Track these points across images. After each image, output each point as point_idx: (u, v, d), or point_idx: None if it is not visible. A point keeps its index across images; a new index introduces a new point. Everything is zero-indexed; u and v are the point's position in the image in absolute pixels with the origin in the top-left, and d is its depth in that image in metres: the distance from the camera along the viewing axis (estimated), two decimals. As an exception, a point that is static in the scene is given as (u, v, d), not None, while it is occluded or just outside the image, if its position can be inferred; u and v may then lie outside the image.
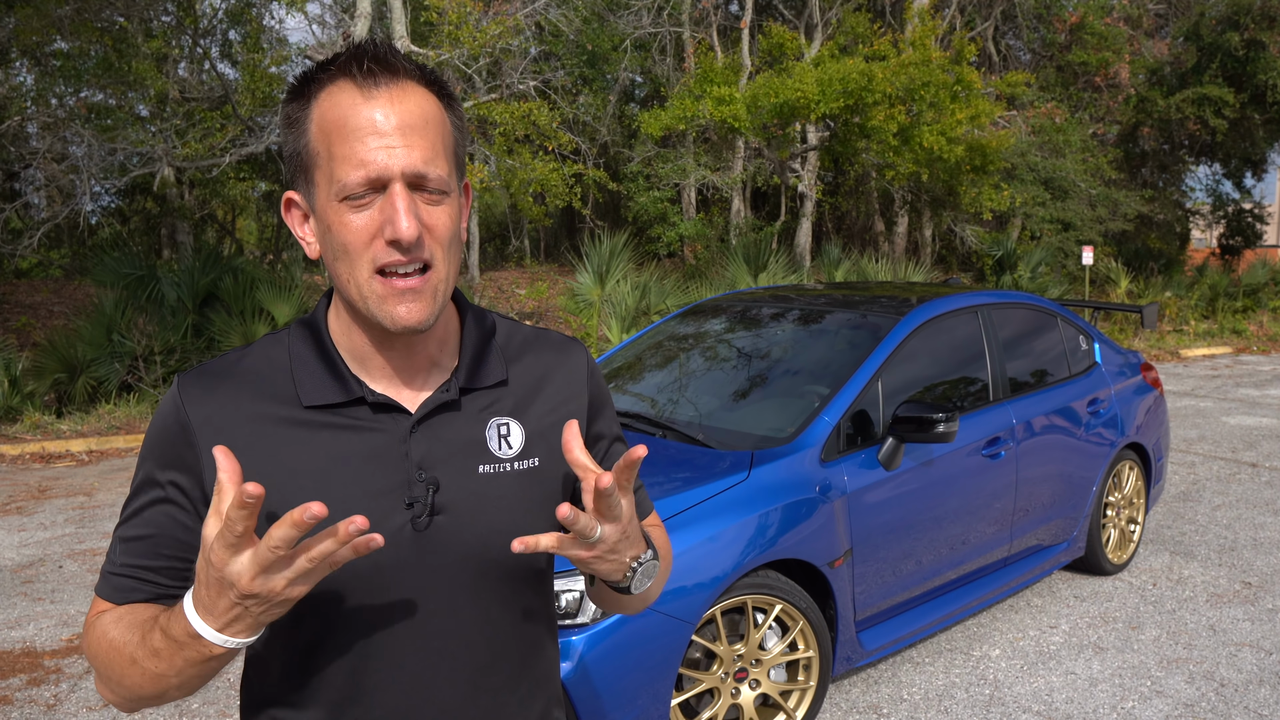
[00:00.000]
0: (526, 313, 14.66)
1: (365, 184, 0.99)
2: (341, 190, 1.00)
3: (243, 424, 1.08)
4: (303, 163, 1.04)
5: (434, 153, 1.02)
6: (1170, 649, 4.04)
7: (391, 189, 1.00)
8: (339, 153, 1.00)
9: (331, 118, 1.00)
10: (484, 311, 1.24)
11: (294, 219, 1.10)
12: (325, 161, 1.01)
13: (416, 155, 1.00)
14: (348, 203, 1.00)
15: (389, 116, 1.00)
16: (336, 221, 1.02)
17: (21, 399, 9.07)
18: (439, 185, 1.02)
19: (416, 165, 1.00)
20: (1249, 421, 9.17)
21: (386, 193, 1.00)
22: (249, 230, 25.37)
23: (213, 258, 10.73)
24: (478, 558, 1.12)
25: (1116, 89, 20.32)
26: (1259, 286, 18.67)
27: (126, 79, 14.21)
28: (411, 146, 1.00)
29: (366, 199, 1.00)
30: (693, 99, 14.14)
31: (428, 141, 1.01)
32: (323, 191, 1.02)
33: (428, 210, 1.03)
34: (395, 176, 0.99)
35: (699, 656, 3.06)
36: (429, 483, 1.10)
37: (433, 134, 1.02)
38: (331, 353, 1.12)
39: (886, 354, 3.75)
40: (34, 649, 4.16)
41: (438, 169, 1.02)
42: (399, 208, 0.99)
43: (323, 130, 1.01)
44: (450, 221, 1.04)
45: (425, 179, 1.01)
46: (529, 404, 1.19)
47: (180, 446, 1.08)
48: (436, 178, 1.02)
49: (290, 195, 1.09)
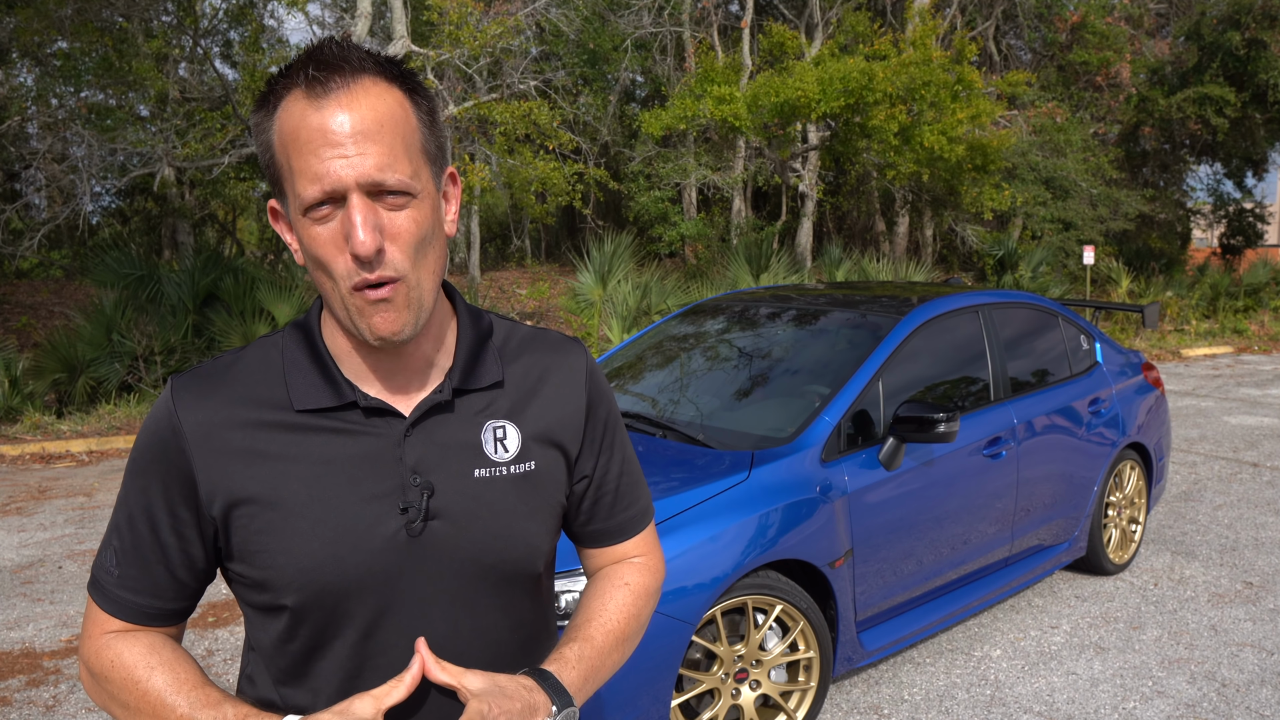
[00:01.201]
0: (528, 313, 14.66)
1: (323, 197, 0.97)
2: (302, 204, 0.98)
3: (235, 428, 1.07)
4: (274, 174, 1.03)
5: (391, 156, 0.98)
6: (1172, 649, 4.03)
7: (350, 201, 0.97)
8: (296, 166, 0.98)
9: (287, 130, 0.98)
10: (480, 311, 1.22)
11: (281, 227, 1.09)
12: (288, 175, 1.00)
13: (370, 162, 0.97)
14: (310, 216, 0.99)
15: (341, 124, 0.96)
16: (306, 235, 1.00)
17: (22, 399, 9.07)
18: (401, 188, 0.99)
19: (370, 174, 0.97)
20: (1250, 421, 9.16)
21: (345, 205, 0.98)
22: (249, 230, 25.37)
23: (213, 258, 10.73)
24: (474, 562, 1.11)
25: (1117, 88, 20.31)
26: (1260, 286, 18.65)
27: (127, 79, 14.21)
28: (365, 154, 0.96)
29: (327, 211, 0.98)
30: (693, 98, 14.13)
31: (384, 146, 0.98)
32: (292, 205, 1.01)
33: (390, 217, 0.99)
34: (350, 188, 0.97)
35: (699, 657, 3.05)
36: (424, 487, 1.08)
37: (389, 135, 0.98)
38: (324, 356, 1.11)
39: (887, 354, 3.74)
40: (33, 650, 4.15)
41: (396, 173, 0.98)
42: (355, 221, 0.96)
43: (282, 143, 0.99)
44: (415, 226, 1.01)
45: (383, 185, 0.98)
46: (526, 406, 1.17)
47: (172, 453, 1.07)
48: (396, 182, 0.98)
49: (273, 204, 1.08)
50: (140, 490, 1.09)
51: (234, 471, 1.06)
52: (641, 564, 1.29)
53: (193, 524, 1.08)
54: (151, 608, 1.10)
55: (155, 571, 1.08)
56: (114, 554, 1.10)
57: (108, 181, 14.98)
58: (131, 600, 1.09)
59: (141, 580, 1.09)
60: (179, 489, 1.07)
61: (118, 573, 1.09)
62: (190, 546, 1.09)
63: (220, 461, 1.06)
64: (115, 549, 1.10)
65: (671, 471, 3.21)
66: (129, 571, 1.09)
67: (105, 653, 1.08)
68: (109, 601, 1.09)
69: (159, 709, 1.03)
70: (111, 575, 1.09)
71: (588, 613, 1.21)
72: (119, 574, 1.09)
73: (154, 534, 1.08)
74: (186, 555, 1.09)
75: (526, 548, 1.15)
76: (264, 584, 1.07)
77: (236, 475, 1.06)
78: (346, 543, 1.06)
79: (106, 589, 1.10)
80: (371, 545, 1.07)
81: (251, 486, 1.06)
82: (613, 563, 1.29)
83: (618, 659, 1.20)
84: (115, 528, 1.10)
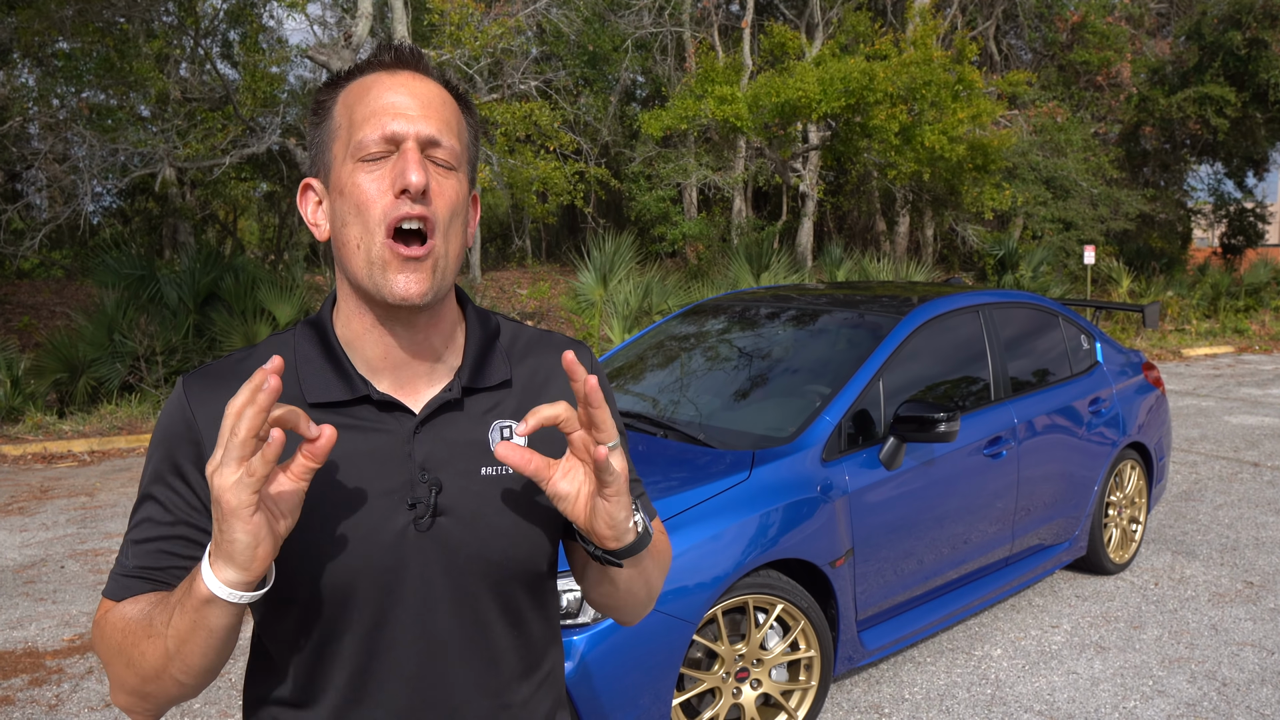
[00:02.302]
0: (528, 313, 14.66)
1: (381, 141, 1.03)
2: (358, 149, 1.04)
3: None
4: (324, 141, 1.09)
5: (448, 129, 1.07)
6: (1172, 648, 4.04)
7: (405, 146, 1.04)
8: (358, 117, 1.05)
9: (357, 92, 1.07)
10: (488, 313, 1.24)
11: (307, 202, 1.12)
12: (345, 131, 1.06)
13: (432, 124, 1.05)
14: (363, 163, 1.04)
15: (409, 94, 1.06)
16: (350, 183, 1.05)
17: (23, 399, 9.08)
18: (449, 157, 1.07)
19: (430, 132, 1.05)
20: (1251, 421, 9.16)
21: (400, 150, 1.04)
22: (250, 230, 25.40)
23: (213, 258, 10.74)
24: (479, 559, 1.12)
25: (1118, 88, 20.31)
26: (1261, 286, 18.65)
27: (128, 79, 14.23)
28: (428, 118, 1.05)
29: (381, 158, 1.04)
30: (694, 98, 14.13)
31: (443, 119, 1.07)
32: (339, 159, 1.06)
33: (436, 178, 1.06)
34: (409, 136, 1.04)
35: (700, 656, 3.06)
36: (432, 484, 1.10)
37: (449, 115, 1.08)
38: (337, 351, 1.12)
39: (888, 353, 3.74)
40: (36, 649, 4.16)
41: (450, 140, 1.07)
42: (410, 160, 1.02)
43: (346, 104, 1.07)
44: (455, 196, 1.07)
45: (438, 145, 1.05)
46: (532, 406, 1.18)
47: (187, 445, 1.08)
48: (449, 147, 1.06)
49: (308, 180, 1.12)
50: (156, 485, 1.09)
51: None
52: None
53: (208, 515, 1.08)
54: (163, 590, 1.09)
55: (171, 563, 1.08)
56: (132, 551, 1.10)
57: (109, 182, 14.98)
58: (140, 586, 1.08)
59: (158, 574, 1.09)
60: (194, 480, 1.08)
61: (133, 564, 1.09)
62: (207, 537, 1.09)
63: None
64: (134, 547, 1.10)
65: (672, 471, 3.21)
66: (145, 562, 1.09)
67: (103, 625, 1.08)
68: (118, 588, 1.09)
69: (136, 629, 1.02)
70: (127, 568, 1.09)
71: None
72: (134, 564, 1.09)
73: (170, 525, 1.08)
74: (203, 547, 1.09)
75: (531, 546, 1.16)
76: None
77: None
78: (356, 537, 1.07)
79: (117, 577, 1.10)
80: (381, 540, 1.08)
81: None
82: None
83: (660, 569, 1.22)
84: (134, 527, 1.11)
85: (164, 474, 1.09)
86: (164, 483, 1.09)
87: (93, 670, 3.94)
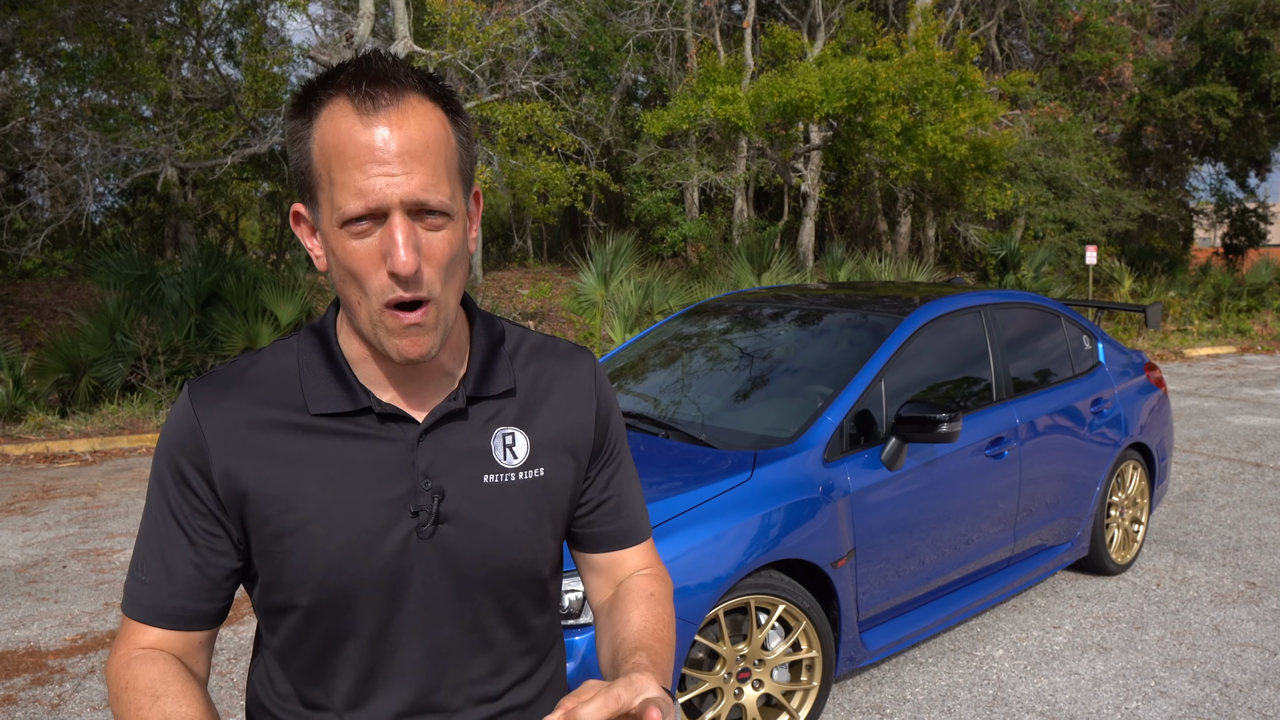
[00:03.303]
0: (530, 313, 14.67)
1: (364, 212, 0.97)
2: (342, 217, 0.98)
3: (252, 429, 1.08)
4: (307, 181, 1.03)
5: (435, 177, 0.99)
6: (1174, 649, 4.03)
7: (391, 219, 0.98)
8: (339, 179, 0.98)
9: (331, 141, 0.98)
10: (493, 318, 1.23)
11: (302, 231, 1.09)
12: (327, 185, 1.00)
13: (416, 182, 0.98)
14: (348, 229, 0.99)
15: (389, 142, 0.97)
16: (340, 247, 1.00)
17: (25, 399, 9.09)
18: (441, 209, 1.00)
19: (415, 194, 0.98)
20: (1253, 421, 9.15)
21: (386, 222, 0.99)
22: (252, 230, 25.39)
23: (215, 258, 10.73)
24: (482, 566, 1.13)
25: (1120, 88, 20.29)
26: (1263, 286, 18.63)
27: (130, 80, 14.24)
28: (411, 174, 0.97)
29: (367, 226, 0.99)
30: (696, 99, 14.13)
31: (429, 167, 0.99)
32: (326, 214, 1.01)
33: (427, 238, 1.01)
34: (394, 205, 0.97)
35: (702, 656, 3.06)
36: (434, 491, 1.10)
37: (434, 157, 1.00)
38: (340, 361, 1.12)
39: (889, 354, 3.74)
40: (38, 649, 4.17)
41: (439, 194, 0.99)
42: (397, 240, 0.97)
43: (324, 153, 0.99)
44: (449, 247, 1.02)
45: (426, 205, 0.99)
46: (535, 413, 1.18)
47: (191, 451, 1.08)
48: (438, 203, 0.99)
49: (297, 208, 1.09)
50: (163, 492, 1.09)
51: (250, 471, 1.07)
52: (655, 574, 1.28)
53: (215, 520, 1.09)
54: (183, 610, 1.09)
55: (184, 571, 1.08)
56: (143, 562, 1.10)
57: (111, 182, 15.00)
58: (162, 604, 1.08)
59: (171, 582, 1.08)
60: (200, 486, 1.08)
61: (148, 579, 1.09)
62: (216, 542, 1.09)
63: (238, 461, 1.07)
64: (144, 556, 1.10)
65: (674, 471, 3.21)
66: (158, 575, 1.09)
67: (123, 673, 1.06)
68: (139, 608, 1.09)
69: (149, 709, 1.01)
70: (142, 583, 1.09)
71: (631, 627, 1.17)
72: (149, 579, 1.09)
73: (179, 532, 1.08)
74: (213, 551, 1.09)
75: (533, 552, 1.16)
76: (278, 584, 1.09)
77: (253, 475, 1.07)
78: (360, 545, 1.08)
79: (137, 597, 1.09)
80: (384, 548, 1.08)
81: (267, 487, 1.07)
82: (624, 574, 1.27)
83: (670, 660, 1.19)
84: (144, 537, 1.11)
85: (172, 483, 1.09)
86: (172, 492, 1.09)
87: (94, 670, 3.95)
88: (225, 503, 1.08)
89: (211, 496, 1.08)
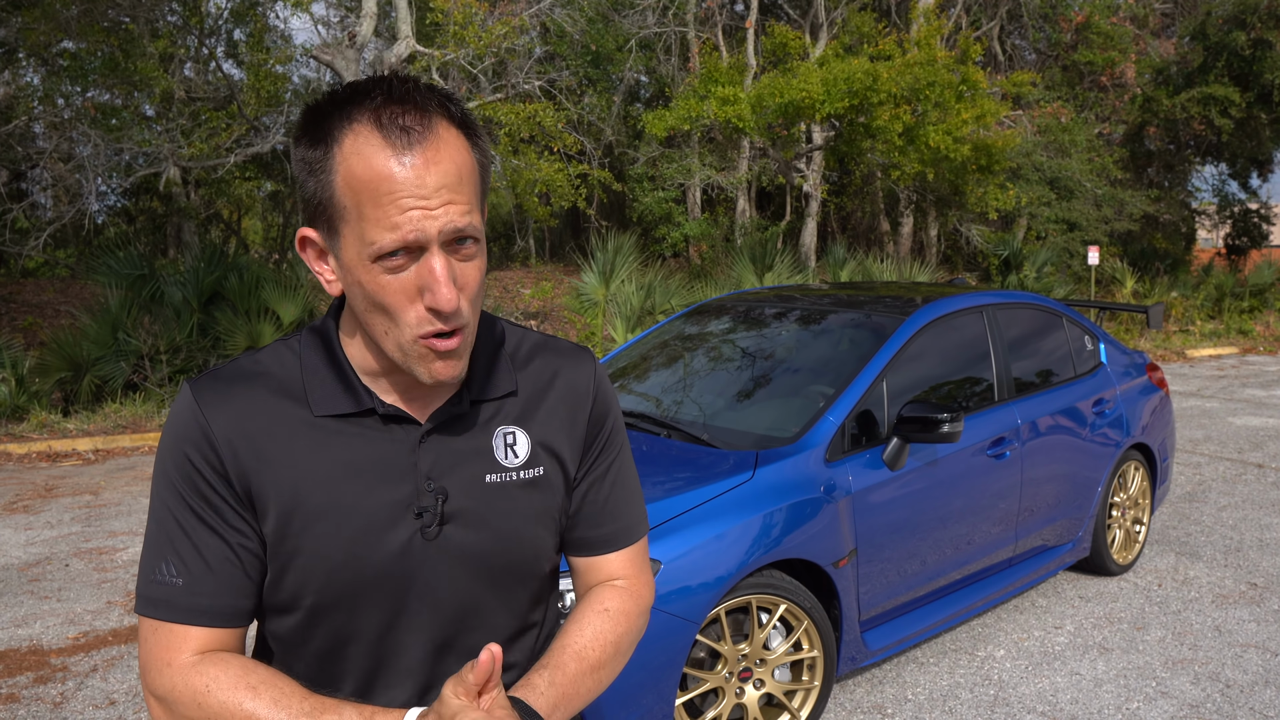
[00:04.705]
0: (531, 313, 14.67)
1: (401, 247, 0.96)
2: (376, 252, 0.97)
3: (260, 429, 1.08)
4: (326, 212, 1.00)
5: (470, 206, 0.99)
6: (1175, 650, 4.03)
7: (430, 253, 0.98)
8: (371, 214, 0.96)
9: (361, 174, 0.96)
10: (494, 319, 1.24)
11: (309, 256, 1.07)
12: (355, 219, 0.97)
13: (455, 213, 0.97)
14: (381, 263, 0.98)
15: (425, 177, 0.95)
16: (371, 281, 0.99)
17: (28, 398, 9.10)
18: (473, 234, 1.00)
19: (455, 223, 0.98)
20: (1255, 422, 9.15)
21: (423, 257, 0.98)
22: (254, 230, 25.41)
23: (217, 257, 10.74)
24: (484, 565, 1.13)
25: (1122, 88, 20.27)
26: (1265, 287, 18.61)
27: (132, 79, 14.26)
28: (449, 205, 0.97)
29: (401, 261, 0.98)
30: (697, 99, 14.13)
31: (464, 197, 0.99)
32: (351, 247, 0.99)
33: (461, 269, 1.01)
34: (433, 239, 0.97)
35: (703, 656, 3.06)
36: (438, 492, 1.10)
37: (467, 188, 0.99)
38: (343, 364, 1.12)
39: (891, 354, 3.75)
40: (40, 647, 4.17)
41: (473, 221, 1.00)
42: (439, 278, 0.97)
43: (350, 186, 0.97)
44: (479, 274, 1.04)
45: (462, 233, 0.99)
46: (535, 412, 1.19)
47: (205, 449, 1.07)
48: (472, 229, 1.00)
49: (307, 233, 1.05)
50: (177, 491, 1.07)
51: (256, 472, 1.07)
52: (624, 587, 1.24)
53: (237, 514, 1.08)
54: (227, 607, 1.06)
55: (221, 566, 1.06)
56: (172, 565, 1.06)
57: (113, 181, 15.02)
58: (205, 602, 1.05)
59: (211, 577, 1.06)
60: (217, 481, 1.07)
61: (183, 581, 1.05)
62: (246, 539, 1.08)
63: (244, 460, 1.07)
64: (172, 559, 1.06)
65: (676, 471, 3.22)
66: (195, 573, 1.05)
67: (196, 678, 1.02)
68: (184, 612, 1.05)
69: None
70: (176, 585, 1.05)
71: (564, 639, 1.17)
72: (185, 581, 1.05)
73: (205, 527, 1.07)
74: (243, 546, 1.08)
75: (534, 551, 1.17)
76: (282, 584, 1.09)
77: (259, 475, 1.07)
78: (364, 545, 1.08)
79: (176, 601, 1.05)
80: (388, 548, 1.09)
81: (273, 489, 1.07)
82: (596, 581, 1.25)
83: (592, 685, 1.15)
84: (163, 539, 1.07)
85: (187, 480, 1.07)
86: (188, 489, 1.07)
87: (97, 668, 3.96)
88: (242, 496, 1.07)
89: (229, 490, 1.07)
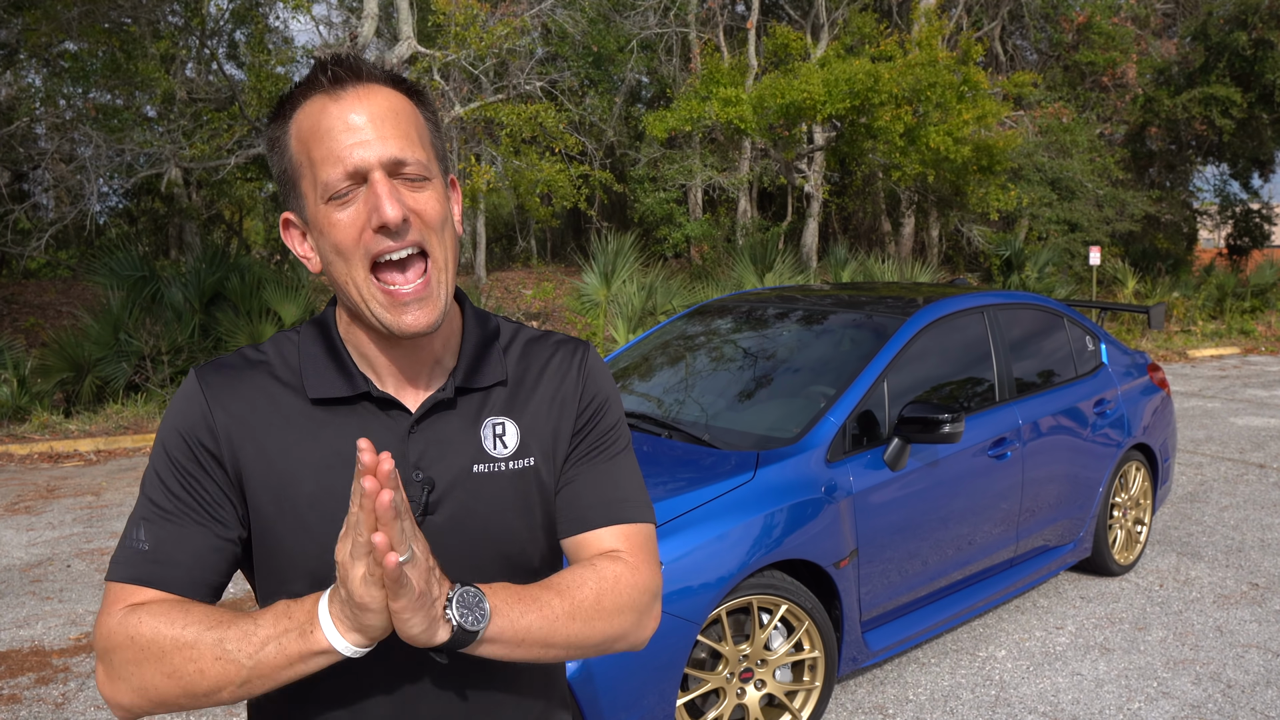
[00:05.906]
0: (533, 313, 14.68)
1: (346, 178, 1.01)
2: (325, 190, 1.02)
3: (258, 418, 1.10)
4: (290, 179, 1.07)
5: (408, 140, 1.04)
6: (1177, 650, 4.03)
7: (371, 179, 1.02)
8: (317, 156, 1.03)
9: (306, 126, 1.04)
10: (488, 314, 1.25)
11: (293, 239, 1.12)
12: (308, 169, 1.04)
13: (391, 143, 1.02)
14: (333, 203, 1.03)
15: (359, 113, 1.02)
16: (326, 223, 1.04)
17: (30, 399, 9.11)
18: (419, 170, 1.04)
19: (393, 152, 1.02)
20: (1257, 422, 9.14)
21: (368, 184, 1.02)
22: (256, 230, 25.43)
23: (219, 257, 10.75)
24: (472, 556, 1.14)
25: (1124, 89, 20.27)
26: (1267, 287, 18.59)
27: (134, 80, 14.27)
28: (385, 137, 1.02)
29: (350, 195, 1.02)
30: (699, 100, 14.14)
31: (400, 130, 1.04)
32: (310, 199, 1.05)
33: (412, 196, 1.04)
34: (373, 166, 1.02)
35: (704, 656, 3.06)
36: (424, 483, 1.11)
37: (405, 124, 1.05)
38: (340, 350, 1.14)
39: (892, 354, 3.75)
40: (42, 648, 4.18)
41: (415, 153, 1.04)
42: (380, 193, 1.01)
43: (300, 140, 1.05)
44: (438, 205, 1.06)
45: (403, 164, 1.03)
46: (525, 403, 1.19)
47: (204, 433, 1.09)
48: (415, 161, 1.04)
49: (286, 215, 1.12)
50: (171, 465, 1.09)
51: (252, 458, 1.09)
52: (619, 557, 1.16)
53: (224, 496, 1.10)
54: (186, 576, 1.06)
55: (192, 541, 1.07)
56: (143, 532, 1.07)
57: (115, 182, 15.03)
58: (166, 571, 1.05)
59: (177, 547, 1.06)
60: (210, 464, 1.09)
61: (149, 546, 1.06)
62: (226, 526, 1.09)
63: (243, 447, 1.09)
64: (145, 528, 1.07)
65: (677, 471, 3.22)
66: (164, 541, 1.06)
67: (131, 617, 1.02)
68: (141, 572, 1.05)
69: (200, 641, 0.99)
70: (141, 550, 1.06)
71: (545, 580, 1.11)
72: (151, 547, 1.06)
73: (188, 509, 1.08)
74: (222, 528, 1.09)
75: (522, 543, 1.17)
76: (272, 570, 1.11)
77: (255, 461, 1.09)
78: None
79: (133, 562, 1.06)
80: None
81: (267, 474, 1.09)
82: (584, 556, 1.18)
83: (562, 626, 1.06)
84: (144, 509, 1.09)
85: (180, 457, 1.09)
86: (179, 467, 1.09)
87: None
88: (234, 484, 1.10)
89: (222, 475, 1.09)
